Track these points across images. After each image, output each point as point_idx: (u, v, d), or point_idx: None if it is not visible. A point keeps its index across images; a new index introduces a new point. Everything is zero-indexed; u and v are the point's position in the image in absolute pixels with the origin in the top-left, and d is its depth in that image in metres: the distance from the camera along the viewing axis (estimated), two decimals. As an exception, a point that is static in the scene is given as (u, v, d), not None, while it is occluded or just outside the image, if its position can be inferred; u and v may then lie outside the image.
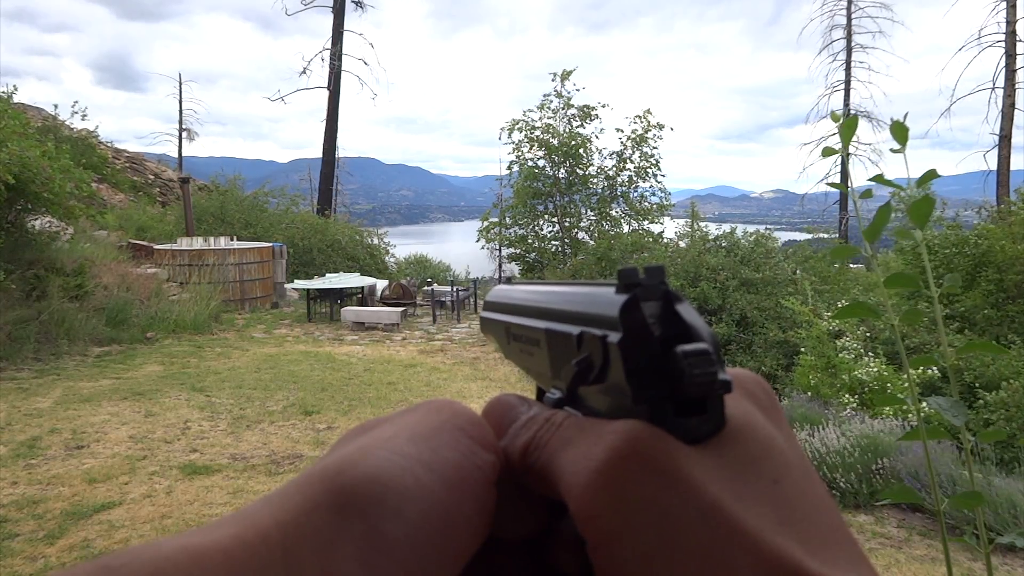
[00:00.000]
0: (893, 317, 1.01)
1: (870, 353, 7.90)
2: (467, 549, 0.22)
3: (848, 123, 1.02)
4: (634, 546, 0.20)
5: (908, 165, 1.07)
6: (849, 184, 1.08)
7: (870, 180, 1.13)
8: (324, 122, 26.88)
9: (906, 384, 7.10)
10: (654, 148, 20.20)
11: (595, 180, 20.56)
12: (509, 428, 0.26)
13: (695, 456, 0.21)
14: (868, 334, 8.11)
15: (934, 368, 7.61)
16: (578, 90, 20.58)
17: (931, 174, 1.06)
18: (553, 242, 20.60)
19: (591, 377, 0.23)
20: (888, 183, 1.11)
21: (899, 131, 1.03)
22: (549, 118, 20.40)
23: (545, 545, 0.25)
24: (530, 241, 20.77)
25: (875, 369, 7.29)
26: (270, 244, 14.61)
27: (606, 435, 0.21)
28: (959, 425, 0.98)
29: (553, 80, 20.36)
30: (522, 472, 0.24)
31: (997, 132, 21.96)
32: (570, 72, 20.29)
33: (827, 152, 1.09)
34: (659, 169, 20.28)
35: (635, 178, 20.35)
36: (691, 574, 0.19)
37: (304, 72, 27.39)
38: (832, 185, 1.15)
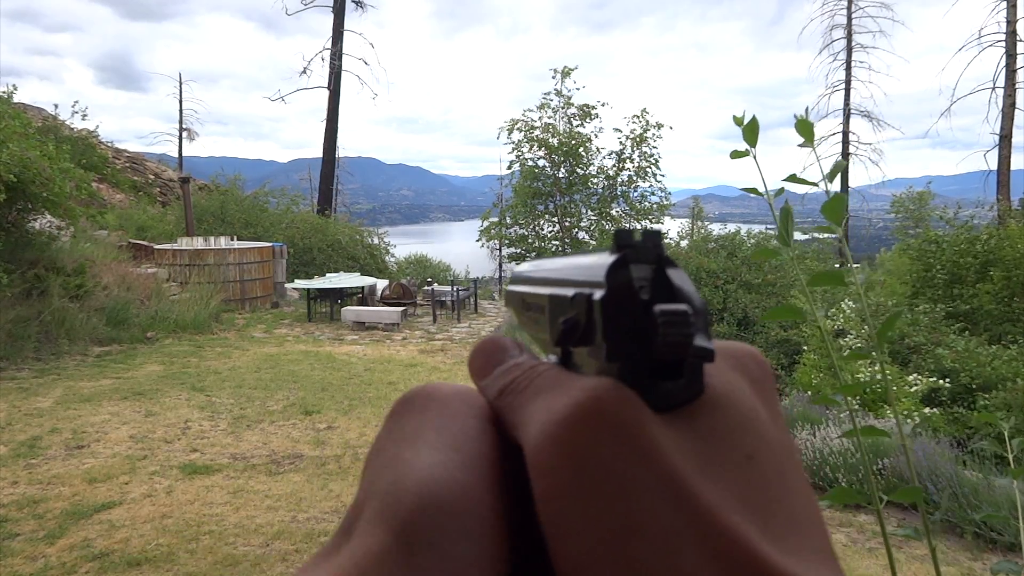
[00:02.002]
0: (821, 319, 1.02)
1: (874, 353, 7.90)
2: (509, 541, 0.22)
3: (749, 126, 1.02)
4: (581, 505, 0.19)
5: (821, 165, 1.08)
6: (765, 184, 1.07)
7: (784, 180, 1.13)
8: (324, 122, 26.88)
9: (912, 388, 7.10)
10: (654, 148, 20.20)
11: (595, 180, 20.56)
12: (495, 369, 0.25)
13: (663, 422, 0.20)
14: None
15: (943, 378, 7.60)
16: (578, 89, 20.58)
17: (839, 165, 1.06)
18: (554, 242, 20.60)
19: (576, 336, 0.22)
20: (803, 182, 1.11)
21: (804, 128, 1.03)
22: (549, 117, 20.40)
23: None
24: (530, 241, 20.78)
25: (879, 371, 7.29)
26: (270, 244, 14.60)
27: (573, 390, 0.21)
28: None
29: (554, 77, 20.36)
30: (495, 412, 0.24)
31: (997, 132, 21.95)
32: (571, 70, 20.27)
33: (735, 155, 1.08)
34: (658, 168, 20.27)
35: (635, 178, 20.34)
36: (635, 541, 0.18)
37: (304, 72, 27.40)
38: (747, 190, 1.13)
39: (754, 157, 1.05)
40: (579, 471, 0.19)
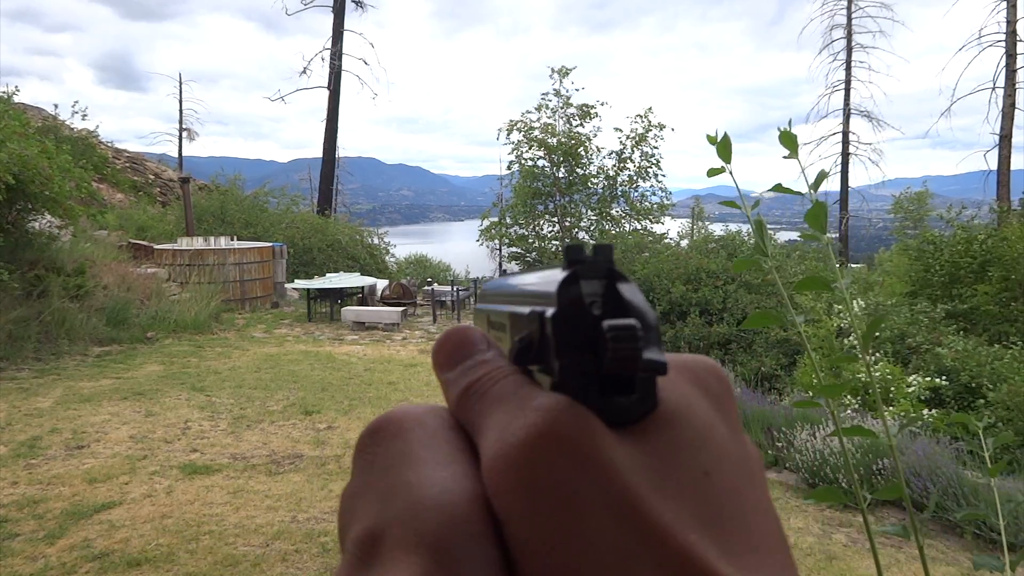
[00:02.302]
0: (800, 324, 1.02)
1: (877, 353, 7.91)
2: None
3: (722, 143, 1.03)
4: (538, 527, 0.19)
5: (806, 175, 1.08)
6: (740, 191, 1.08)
7: (770, 189, 1.14)
8: (324, 122, 26.88)
9: (910, 389, 7.10)
10: (655, 148, 20.21)
11: (595, 180, 20.56)
12: (460, 364, 0.25)
13: (617, 439, 0.20)
14: (876, 334, 8.11)
15: (942, 377, 7.60)
16: (577, 90, 20.58)
17: (822, 175, 1.07)
18: (553, 242, 20.60)
19: (531, 354, 0.22)
20: (788, 191, 1.12)
21: (788, 140, 1.04)
22: (548, 118, 20.40)
23: None
24: (530, 241, 20.78)
25: (879, 371, 7.29)
26: (270, 244, 14.60)
27: (528, 410, 0.21)
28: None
29: (551, 76, 20.36)
30: (455, 410, 0.24)
31: (997, 132, 21.95)
32: (569, 70, 20.28)
33: (712, 172, 1.10)
34: (659, 168, 20.27)
35: (635, 178, 20.34)
36: (590, 562, 0.18)
37: (304, 72, 27.41)
38: (726, 203, 1.14)
39: (730, 173, 1.06)
40: (533, 493, 0.19)
